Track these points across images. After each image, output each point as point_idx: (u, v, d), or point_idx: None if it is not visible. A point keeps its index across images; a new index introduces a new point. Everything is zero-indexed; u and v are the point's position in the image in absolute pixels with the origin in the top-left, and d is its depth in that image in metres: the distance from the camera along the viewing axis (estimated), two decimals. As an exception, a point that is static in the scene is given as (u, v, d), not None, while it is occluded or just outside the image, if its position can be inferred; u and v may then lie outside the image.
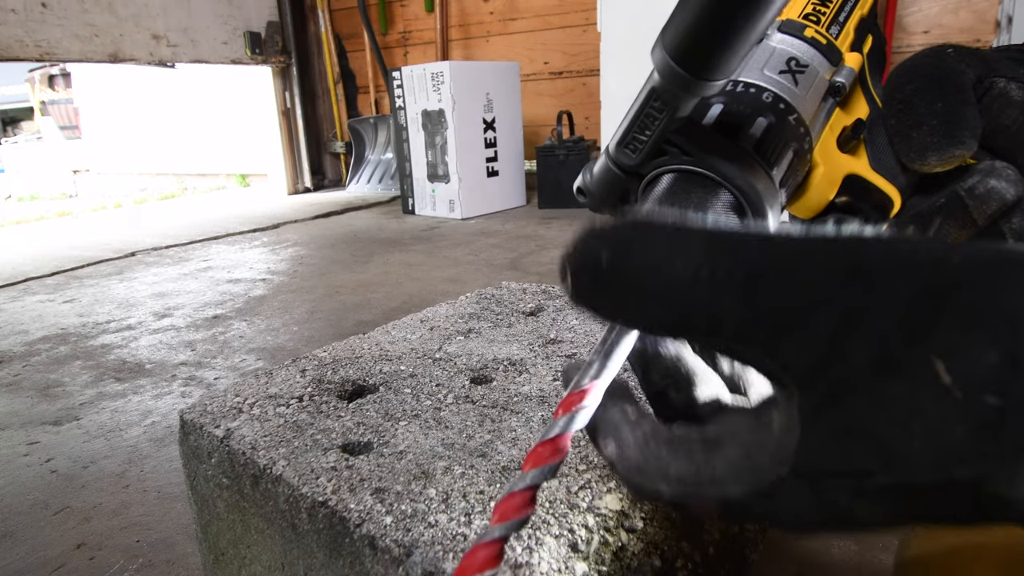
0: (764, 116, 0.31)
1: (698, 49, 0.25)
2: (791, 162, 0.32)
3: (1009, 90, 0.32)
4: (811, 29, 0.34)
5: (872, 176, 0.34)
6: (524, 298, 0.67)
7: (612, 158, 0.33)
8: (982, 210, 0.31)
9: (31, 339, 1.64)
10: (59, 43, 2.97)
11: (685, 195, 0.30)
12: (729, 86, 0.33)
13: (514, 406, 0.44)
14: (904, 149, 0.33)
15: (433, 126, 2.91)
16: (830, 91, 0.34)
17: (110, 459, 1.03)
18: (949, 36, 2.51)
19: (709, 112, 0.31)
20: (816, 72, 0.33)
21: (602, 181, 0.35)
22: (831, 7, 0.35)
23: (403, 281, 1.96)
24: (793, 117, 0.32)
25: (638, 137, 0.31)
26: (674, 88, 0.27)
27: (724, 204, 0.30)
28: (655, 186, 0.32)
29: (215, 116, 4.59)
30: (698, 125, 0.31)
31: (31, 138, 7.49)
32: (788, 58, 0.33)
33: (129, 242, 2.81)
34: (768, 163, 0.31)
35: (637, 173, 0.33)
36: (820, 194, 0.34)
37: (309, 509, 0.36)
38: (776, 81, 0.32)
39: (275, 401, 0.47)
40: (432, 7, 3.64)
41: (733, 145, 0.31)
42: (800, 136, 0.32)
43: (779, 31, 0.35)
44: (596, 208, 0.36)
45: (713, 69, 0.26)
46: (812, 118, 0.33)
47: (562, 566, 0.29)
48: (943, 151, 0.31)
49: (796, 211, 0.36)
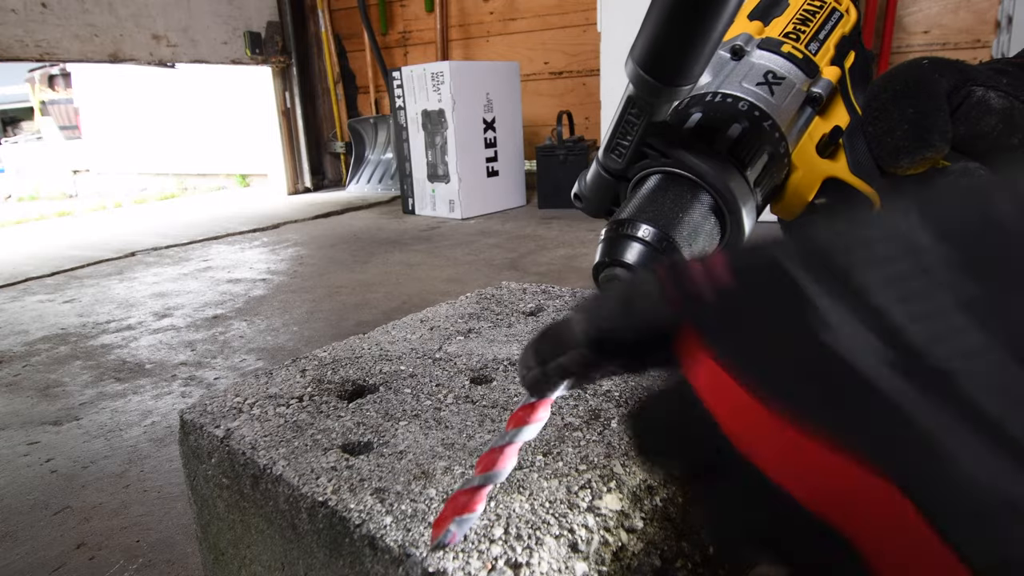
0: (739, 122, 0.34)
1: (662, 58, 0.28)
2: (766, 164, 0.34)
3: (988, 98, 0.34)
4: (788, 45, 0.37)
5: (851, 178, 0.36)
6: (524, 298, 0.68)
7: (601, 163, 0.36)
8: None
9: (31, 339, 1.64)
10: (59, 43, 2.97)
11: (663, 193, 0.33)
12: (709, 97, 0.35)
13: (514, 406, 0.44)
14: (880, 152, 0.35)
15: (433, 126, 2.91)
16: (808, 101, 0.36)
17: (110, 459, 1.03)
18: (949, 36, 2.51)
19: (689, 119, 0.34)
20: (793, 84, 0.36)
21: (595, 186, 0.38)
22: (811, 27, 0.38)
23: (403, 281, 1.96)
24: (768, 123, 0.34)
25: (621, 143, 0.34)
26: (646, 95, 0.30)
27: (702, 202, 0.33)
28: (641, 187, 0.35)
29: (215, 116, 4.59)
30: (677, 130, 0.34)
31: (31, 138, 7.49)
32: (766, 71, 0.36)
33: (129, 242, 2.81)
34: (742, 164, 0.34)
35: (624, 176, 0.36)
36: (800, 195, 0.36)
37: (309, 509, 0.36)
38: (753, 92, 0.35)
39: (275, 401, 0.47)
40: (432, 7, 3.64)
41: (709, 148, 0.33)
42: (775, 140, 0.34)
43: (759, 48, 0.37)
44: (592, 212, 0.39)
45: (677, 75, 0.29)
46: (789, 125, 0.35)
47: (562, 566, 0.29)
48: (914, 153, 0.33)
49: (779, 212, 0.38)
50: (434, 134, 2.92)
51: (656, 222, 0.31)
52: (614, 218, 0.33)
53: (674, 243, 0.31)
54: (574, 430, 0.40)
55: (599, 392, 0.45)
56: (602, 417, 0.42)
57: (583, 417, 0.42)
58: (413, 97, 2.94)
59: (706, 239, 0.33)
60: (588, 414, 0.42)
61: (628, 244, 0.31)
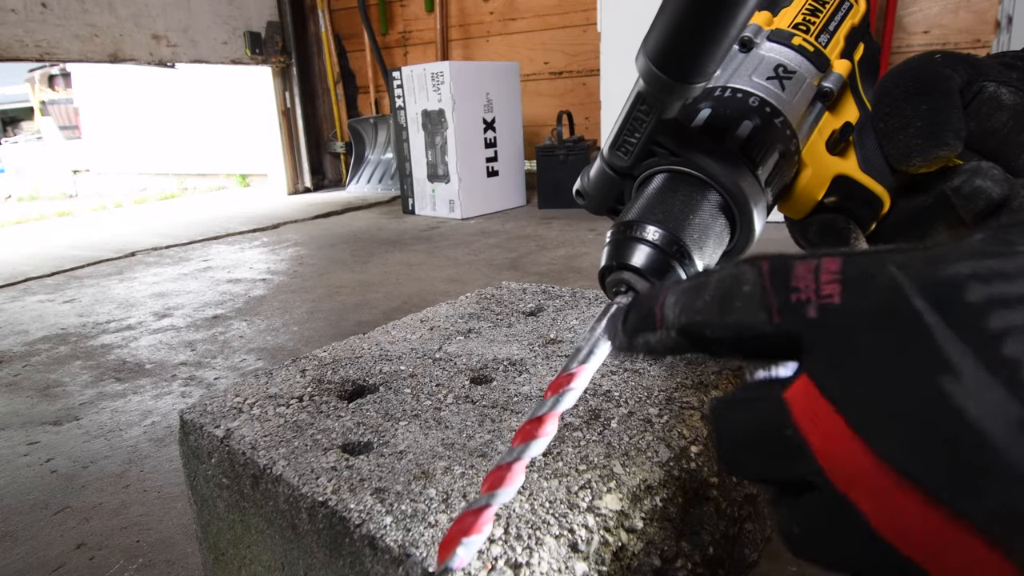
0: (750, 119, 0.32)
1: (676, 54, 0.27)
2: (777, 163, 0.33)
3: (1000, 94, 0.33)
4: (799, 38, 0.36)
5: (861, 177, 0.35)
6: (524, 298, 0.67)
7: (606, 160, 0.35)
8: (969, 209, 0.32)
9: (31, 339, 1.64)
10: (59, 43, 2.97)
11: (672, 193, 0.32)
12: (718, 91, 0.34)
13: (514, 406, 0.44)
14: (891, 151, 0.34)
15: (433, 126, 2.91)
16: (818, 96, 0.35)
17: (110, 459, 1.03)
18: (949, 36, 2.51)
19: (698, 116, 0.33)
20: (803, 78, 0.35)
21: (598, 183, 0.36)
22: (821, 17, 0.37)
23: (403, 281, 1.96)
24: (779, 120, 0.33)
25: (628, 140, 0.33)
26: (657, 92, 0.29)
27: (711, 202, 0.32)
28: (647, 186, 0.33)
29: (215, 116, 4.59)
30: (686, 127, 0.33)
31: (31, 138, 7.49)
32: (776, 65, 0.35)
33: (129, 242, 2.81)
34: (753, 163, 0.32)
35: (630, 174, 0.34)
36: (809, 194, 0.35)
37: (309, 509, 0.36)
38: (763, 87, 0.34)
39: (275, 401, 0.47)
40: (432, 7, 3.64)
41: (719, 146, 0.32)
42: (786, 138, 0.33)
43: (768, 40, 0.36)
44: (594, 210, 0.38)
45: (691, 72, 0.27)
46: (799, 121, 0.34)
47: (562, 566, 0.29)
48: (927, 152, 0.32)
49: (787, 211, 0.37)
50: (434, 134, 2.92)
51: (665, 224, 0.30)
52: (620, 219, 0.32)
53: (684, 246, 0.30)
54: (574, 430, 0.40)
55: (599, 392, 0.45)
56: (602, 417, 0.42)
57: (583, 417, 0.42)
58: (413, 97, 2.94)
59: (716, 240, 0.32)
60: (588, 414, 0.42)
61: (636, 247, 0.30)
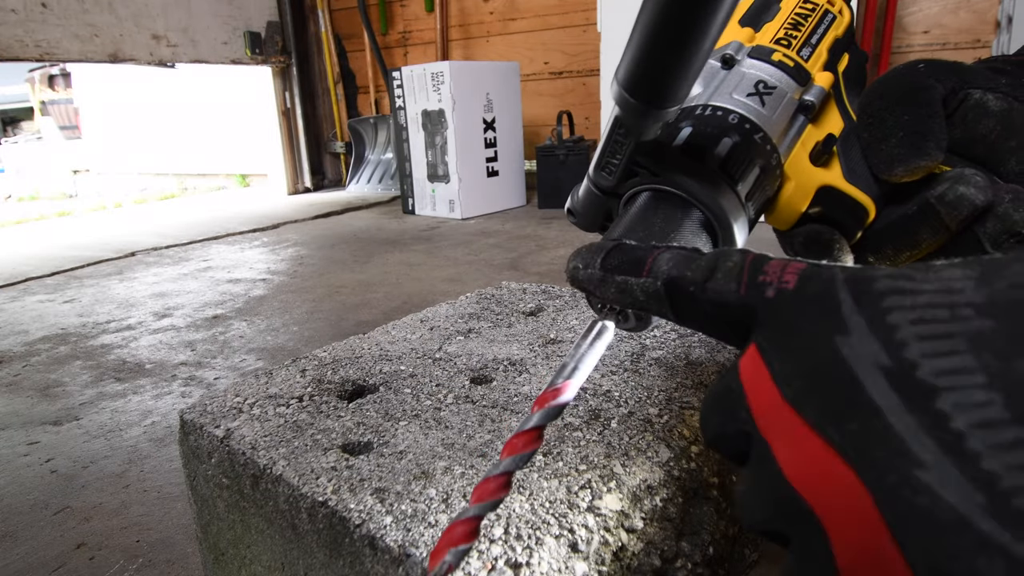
0: (729, 136, 0.33)
1: (647, 81, 0.28)
2: (758, 178, 0.34)
3: (986, 100, 0.33)
4: (779, 53, 0.36)
5: (845, 186, 0.35)
6: (524, 298, 0.67)
7: (592, 180, 0.36)
8: (953, 216, 0.32)
9: (31, 339, 1.64)
10: (59, 43, 2.97)
11: (654, 212, 0.33)
12: (699, 110, 0.34)
13: (514, 406, 0.44)
14: (874, 161, 0.34)
15: (433, 126, 2.91)
16: (800, 109, 0.35)
17: (110, 459, 1.03)
18: (949, 36, 2.51)
19: (679, 135, 0.33)
20: (784, 93, 0.35)
21: (587, 202, 0.37)
22: (803, 31, 0.37)
23: (403, 281, 1.96)
24: (759, 136, 0.33)
25: (611, 161, 0.33)
26: (631, 117, 0.29)
27: (693, 220, 0.33)
28: (631, 205, 0.34)
29: (215, 116, 4.59)
30: (667, 147, 0.33)
31: (31, 138, 7.49)
32: (756, 81, 0.35)
33: (129, 242, 2.81)
34: (733, 180, 0.33)
35: (615, 193, 0.35)
36: (793, 206, 0.36)
37: (309, 509, 0.36)
38: (743, 103, 0.34)
39: (275, 401, 0.47)
40: (432, 7, 3.64)
41: (698, 164, 0.33)
42: (767, 153, 0.34)
43: (749, 56, 0.36)
44: (585, 227, 0.38)
45: (662, 98, 0.28)
46: (780, 136, 0.35)
47: (562, 566, 0.29)
48: (909, 162, 0.33)
49: (773, 223, 0.38)
50: (434, 134, 2.92)
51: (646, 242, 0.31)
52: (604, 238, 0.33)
53: None
54: (574, 430, 0.40)
55: (599, 392, 0.45)
56: (602, 417, 0.42)
57: (583, 417, 0.42)
58: (413, 97, 2.94)
59: None
60: (588, 414, 0.42)
61: None
